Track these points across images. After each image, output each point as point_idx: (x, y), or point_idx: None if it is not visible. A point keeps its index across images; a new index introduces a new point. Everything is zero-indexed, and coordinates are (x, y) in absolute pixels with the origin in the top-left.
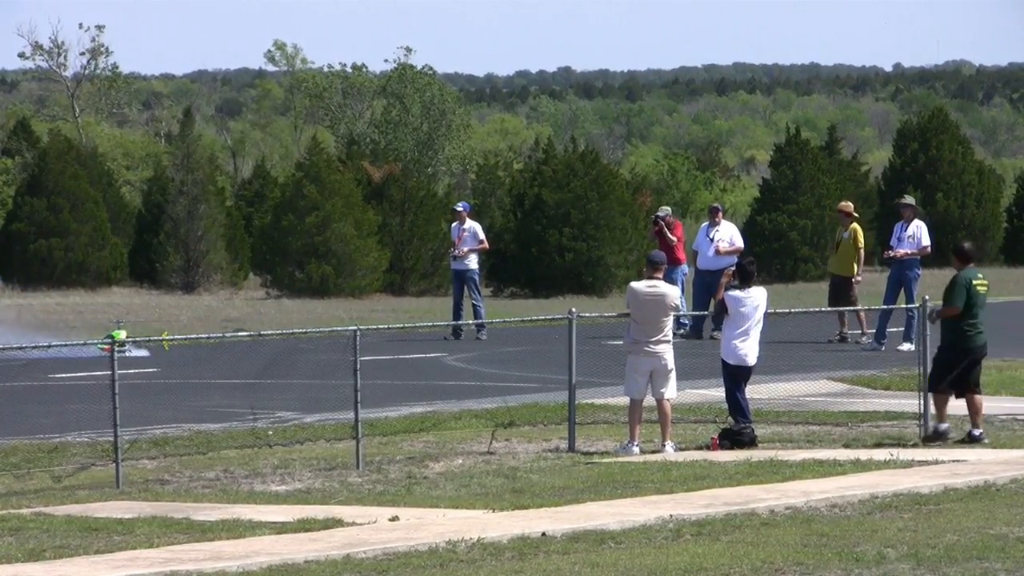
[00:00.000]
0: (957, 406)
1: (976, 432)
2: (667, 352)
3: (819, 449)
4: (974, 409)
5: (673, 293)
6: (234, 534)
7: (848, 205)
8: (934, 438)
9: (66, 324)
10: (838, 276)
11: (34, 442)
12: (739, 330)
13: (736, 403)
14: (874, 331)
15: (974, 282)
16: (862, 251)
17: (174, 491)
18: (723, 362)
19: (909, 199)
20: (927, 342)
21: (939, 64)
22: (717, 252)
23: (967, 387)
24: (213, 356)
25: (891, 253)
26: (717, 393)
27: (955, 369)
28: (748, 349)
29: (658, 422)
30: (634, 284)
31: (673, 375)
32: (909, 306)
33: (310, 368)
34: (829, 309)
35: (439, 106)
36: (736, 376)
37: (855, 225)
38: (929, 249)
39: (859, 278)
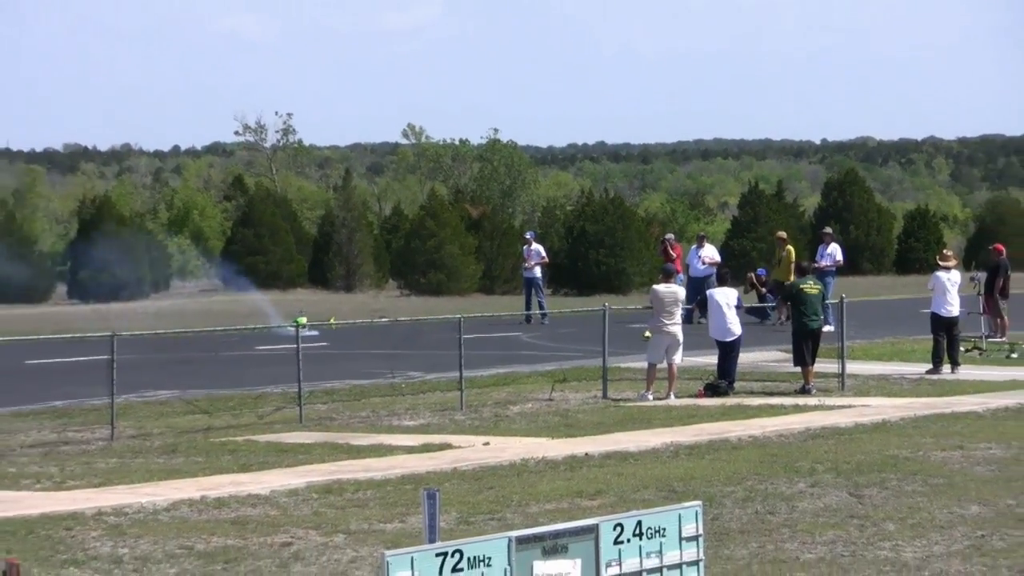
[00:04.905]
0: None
1: (807, 386)
2: (678, 331)
3: (771, 397)
4: (807, 372)
5: (681, 292)
6: (379, 454)
7: (783, 234)
8: (802, 392)
9: (265, 313)
10: (778, 281)
11: (244, 392)
12: (719, 316)
13: (720, 367)
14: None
15: (802, 286)
16: (794, 264)
17: (338, 425)
18: (714, 339)
19: (828, 229)
20: (844, 325)
21: (852, 138)
22: (702, 263)
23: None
24: (365, 334)
25: (816, 265)
26: (702, 360)
27: (802, 346)
28: (727, 328)
29: (666, 379)
30: (656, 286)
31: (681, 346)
32: (827, 301)
33: (430, 342)
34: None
35: (517, 167)
36: (722, 348)
37: (789, 247)
38: (842, 262)
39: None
